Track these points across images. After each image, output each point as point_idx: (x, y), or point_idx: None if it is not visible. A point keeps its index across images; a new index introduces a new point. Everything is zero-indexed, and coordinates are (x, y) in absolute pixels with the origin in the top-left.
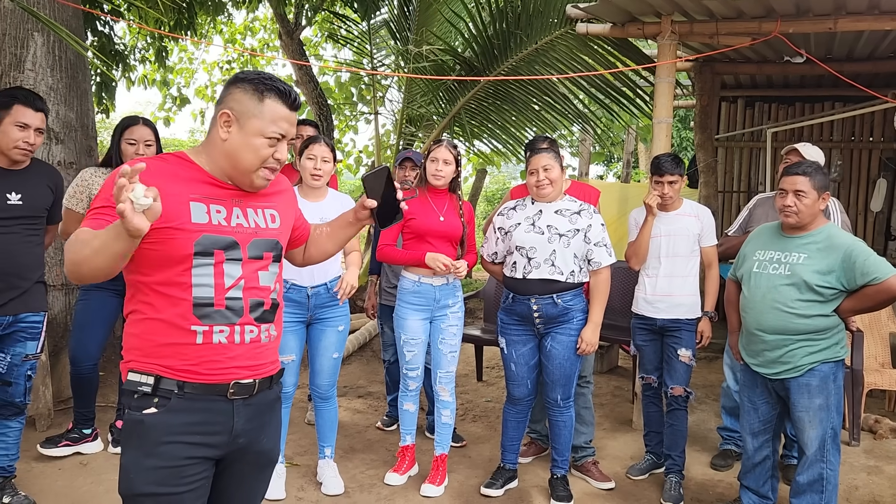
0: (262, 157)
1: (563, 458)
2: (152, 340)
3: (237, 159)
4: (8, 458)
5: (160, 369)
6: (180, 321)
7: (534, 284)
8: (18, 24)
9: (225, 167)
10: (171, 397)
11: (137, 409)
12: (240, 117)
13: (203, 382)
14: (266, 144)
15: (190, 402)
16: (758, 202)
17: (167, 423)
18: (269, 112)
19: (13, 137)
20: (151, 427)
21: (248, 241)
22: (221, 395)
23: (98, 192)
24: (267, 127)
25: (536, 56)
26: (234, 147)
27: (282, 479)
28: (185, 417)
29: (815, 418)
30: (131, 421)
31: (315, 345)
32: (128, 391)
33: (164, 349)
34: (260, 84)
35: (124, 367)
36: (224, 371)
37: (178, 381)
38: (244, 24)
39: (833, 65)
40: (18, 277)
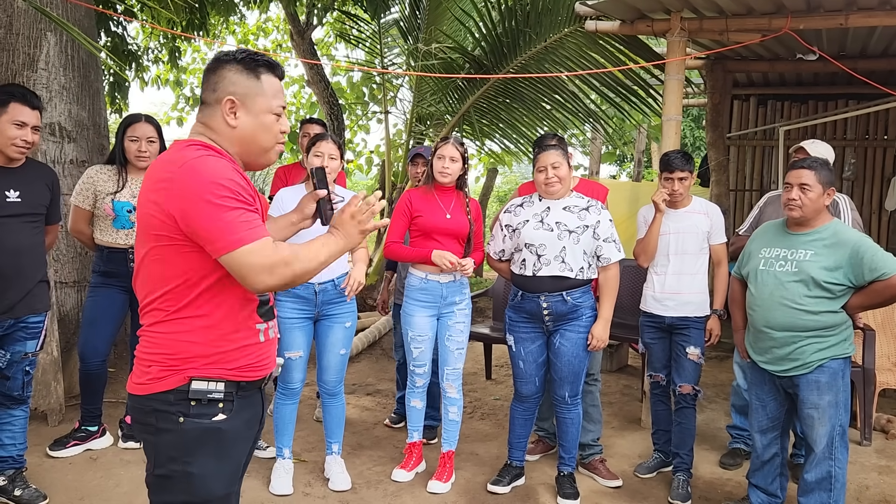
0: (275, 133)
1: (570, 455)
2: (222, 346)
3: (253, 142)
4: (16, 447)
5: (225, 373)
6: (248, 322)
7: (544, 282)
8: (32, 23)
9: (239, 152)
10: (234, 399)
11: (204, 416)
12: (245, 100)
13: (256, 379)
14: (275, 120)
15: (244, 401)
16: (768, 200)
17: (237, 425)
18: (269, 87)
19: (10, 135)
20: (227, 433)
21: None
22: (259, 388)
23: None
24: (272, 102)
25: (546, 54)
26: (247, 131)
27: (289, 474)
28: (245, 416)
29: (823, 415)
30: (200, 430)
31: (322, 341)
32: (184, 399)
33: (234, 353)
34: (251, 62)
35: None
36: (269, 364)
37: (238, 382)
38: (257, 25)
39: (846, 62)
40: (22, 277)
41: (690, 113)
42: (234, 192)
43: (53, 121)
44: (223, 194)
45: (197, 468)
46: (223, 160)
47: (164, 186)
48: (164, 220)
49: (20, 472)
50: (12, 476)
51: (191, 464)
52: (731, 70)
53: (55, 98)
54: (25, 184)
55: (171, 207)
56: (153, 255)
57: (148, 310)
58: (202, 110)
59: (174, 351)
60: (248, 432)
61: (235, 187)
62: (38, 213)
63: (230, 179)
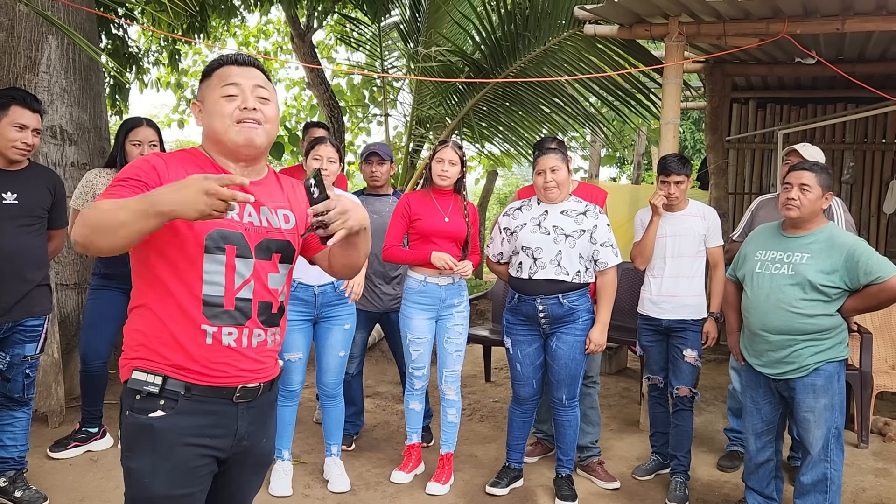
0: (227, 112)
1: (568, 457)
2: (160, 337)
3: (212, 131)
4: (17, 448)
5: (168, 369)
6: (190, 319)
7: (539, 284)
8: (34, 27)
9: (216, 149)
10: (178, 399)
11: (142, 411)
12: (202, 101)
13: (211, 385)
14: (224, 102)
15: (196, 405)
16: (760, 204)
17: (178, 427)
18: (218, 78)
19: (11, 138)
20: (162, 431)
21: (258, 240)
22: (227, 399)
23: (117, 178)
24: (217, 90)
25: (545, 57)
26: (206, 124)
27: (288, 476)
28: (193, 420)
29: (819, 418)
30: (138, 425)
31: (322, 343)
32: (130, 390)
33: (174, 347)
34: (210, 66)
35: (127, 365)
36: (232, 375)
37: (185, 383)
38: (258, 27)
39: (844, 66)
40: (19, 279)
41: (690, 116)
42: (124, 175)
43: (55, 124)
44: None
45: (135, 463)
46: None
47: None
48: None
49: (21, 473)
50: (13, 477)
51: (130, 458)
52: (729, 73)
53: (56, 101)
54: (24, 186)
55: None
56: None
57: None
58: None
59: (129, 339)
60: (202, 439)
61: (129, 172)
62: (37, 217)
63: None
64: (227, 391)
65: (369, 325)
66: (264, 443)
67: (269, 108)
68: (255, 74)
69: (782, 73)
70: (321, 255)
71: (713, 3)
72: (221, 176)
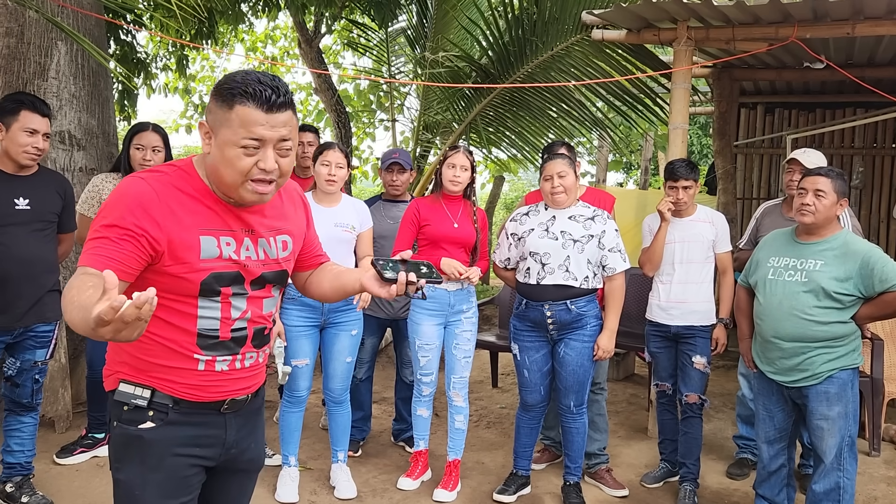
0: (240, 169)
1: (575, 464)
2: (149, 361)
3: (219, 174)
4: (24, 454)
5: (156, 383)
6: (183, 349)
7: (547, 290)
8: (43, 33)
9: (217, 185)
10: (168, 411)
11: (131, 422)
12: (214, 128)
13: (200, 401)
14: (241, 154)
15: (185, 416)
16: (765, 211)
17: (168, 437)
18: (238, 118)
19: (22, 143)
20: (152, 442)
21: (255, 275)
22: (215, 410)
23: (104, 218)
24: (237, 134)
25: (552, 62)
26: (214, 160)
27: (295, 482)
28: (183, 431)
29: (833, 426)
30: (126, 436)
31: (329, 349)
32: (117, 402)
33: (163, 370)
34: (229, 89)
35: (113, 375)
36: (222, 393)
37: (173, 397)
38: (265, 33)
39: (854, 70)
40: (31, 285)
41: (698, 121)
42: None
43: (63, 129)
44: (101, 218)
45: (123, 475)
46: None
47: None
48: None
49: (28, 478)
50: (20, 482)
51: (119, 469)
52: (738, 78)
53: (65, 106)
54: (35, 191)
55: None
56: None
57: None
58: None
59: (113, 352)
60: (192, 449)
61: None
62: (48, 221)
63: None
64: (216, 404)
65: (379, 331)
66: (253, 448)
67: (287, 162)
68: (283, 120)
69: (791, 77)
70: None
71: (722, 8)
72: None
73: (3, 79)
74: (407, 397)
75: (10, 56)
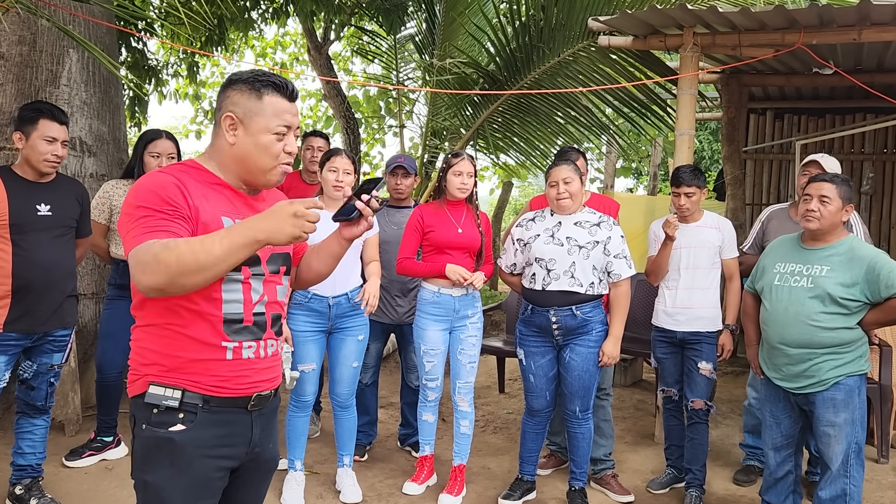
0: (274, 153)
1: (581, 470)
2: (179, 356)
3: (251, 161)
4: (35, 456)
5: (186, 383)
6: (210, 337)
7: (553, 296)
8: (55, 41)
9: (238, 172)
10: (197, 412)
11: (161, 425)
12: (244, 118)
13: (229, 396)
14: (275, 140)
15: (214, 416)
16: (770, 215)
17: (197, 439)
18: (270, 107)
19: (42, 151)
20: (183, 445)
21: (267, 256)
22: (242, 408)
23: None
24: (271, 122)
25: (559, 69)
26: (244, 150)
27: (300, 486)
28: (212, 431)
29: (840, 433)
30: (156, 439)
31: (335, 354)
32: (146, 405)
33: (192, 365)
34: (255, 82)
35: (139, 381)
36: (249, 385)
37: (203, 396)
38: (275, 39)
39: (863, 76)
40: (53, 290)
41: (708, 126)
42: (155, 202)
43: (74, 135)
44: (146, 205)
45: (151, 477)
46: (167, 176)
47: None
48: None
49: (37, 481)
50: (29, 485)
51: (146, 472)
52: (746, 84)
53: (76, 113)
54: (56, 198)
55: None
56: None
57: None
58: (212, 130)
59: (140, 356)
60: (220, 450)
61: (161, 199)
62: (68, 227)
63: (156, 192)
64: (243, 400)
65: (384, 336)
66: (271, 448)
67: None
68: (297, 109)
69: (800, 83)
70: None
71: (728, 14)
72: (305, 200)
73: (16, 86)
74: (412, 402)
75: (22, 64)
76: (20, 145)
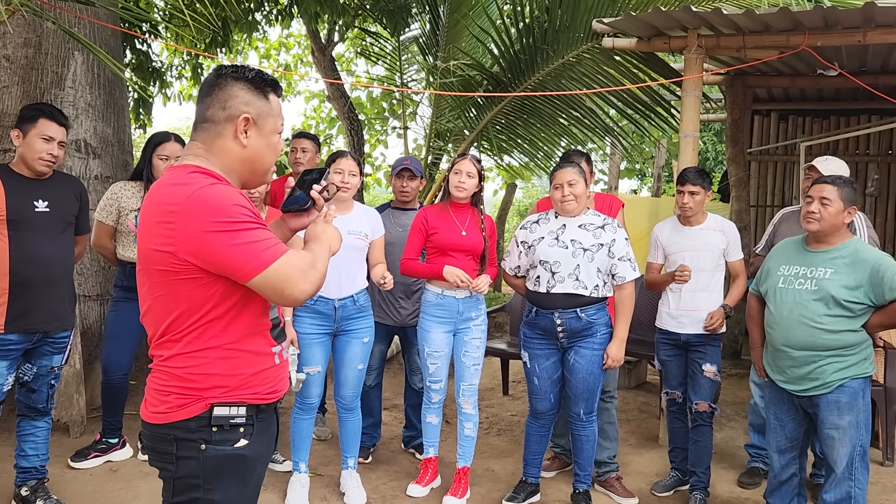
0: (278, 152)
1: (585, 472)
2: (242, 373)
3: (259, 162)
4: (38, 458)
5: (247, 397)
6: (264, 347)
7: (557, 298)
8: (60, 43)
9: (243, 173)
10: (254, 423)
11: (225, 442)
12: (258, 119)
13: (272, 402)
14: (279, 139)
15: (262, 423)
16: (782, 217)
17: (258, 451)
18: (276, 106)
19: (38, 149)
20: (250, 458)
21: None
22: (273, 410)
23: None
24: (278, 122)
25: (563, 71)
26: (256, 151)
27: (305, 488)
28: (264, 439)
29: (844, 436)
30: (223, 457)
31: (340, 356)
32: (208, 427)
33: (253, 378)
34: (259, 81)
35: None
36: (284, 385)
37: (258, 406)
38: (279, 41)
39: (868, 77)
40: (52, 287)
41: (712, 128)
42: (246, 216)
43: (79, 137)
44: (236, 219)
45: (220, 495)
46: (227, 186)
47: (169, 221)
48: (174, 257)
49: (42, 482)
50: (34, 486)
51: (213, 490)
52: (751, 85)
53: (81, 115)
54: (54, 194)
55: (183, 246)
56: (160, 291)
57: (161, 342)
58: (204, 129)
59: (194, 382)
60: (267, 453)
61: (245, 210)
62: (67, 223)
63: (237, 205)
64: (276, 402)
65: (387, 338)
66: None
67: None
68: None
69: (804, 84)
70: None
71: (732, 16)
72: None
73: (22, 88)
74: (416, 404)
75: (28, 66)
76: (17, 143)
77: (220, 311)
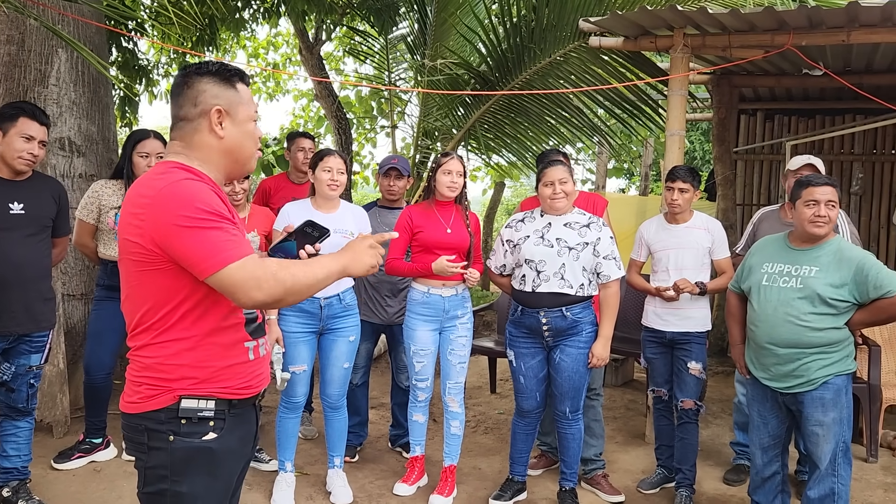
0: (256, 139)
1: (571, 470)
2: (211, 366)
3: (239, 151)
4: (20, 458)
5: (216, 391)
6: (237, 342)
7: (543, 297)
8: (44, 40)
9: (225, 165)
10: (225, 417)
11: (193, 435)
12: (230, 109)
13: (248, 396)
14: (255, 126)
15: (236, 418)
16: (762, 216)
17: (228, 444)
18: (246, 95)
19: (17, 148)
20: (218, 452)
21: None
22: (252, 405)
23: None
24: (250, 109)
25: (550, 69)
26: (234, 141)
27: (291, 488)
28: (237, 433)
29: (828, 432)
30: (190, 449)
31: (326, 355)
32: (176, 418)
33: (223, 372)
34: (225, 73)
35: (162, 396)
36: (261, 381)
37: (230, 400)
38: (267, 39)
39: (852, 77)
40: (25, 289)
41: (699, 127)
42: (214, 213)
43: (63, 135)
44: (201, 216)
45: (187, 487)
46: (201, 183)
47: (140, 212)
48: (142, 247)
49: (24, 483)
50: (16, 487)
51: (180, 482)
52: (737, 85)
53: (65, 113)
54: (30, 196)
55: (150, 235)
56: (134, 280)
57: (134, 333)
58: (180, 128)
59: (163, 372)
60: (242, 449)
61: (214, 208)
62: (43, 226)
63: (207, 202)
64: (255, 397)
65: (373, 337)
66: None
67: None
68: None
69: (790, 84)
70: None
71: (718, 16)
72: (376, 235)
73: (4, 86)
74: (403, 403)
75: (10, 63)
76: None
77: (192, 303)
